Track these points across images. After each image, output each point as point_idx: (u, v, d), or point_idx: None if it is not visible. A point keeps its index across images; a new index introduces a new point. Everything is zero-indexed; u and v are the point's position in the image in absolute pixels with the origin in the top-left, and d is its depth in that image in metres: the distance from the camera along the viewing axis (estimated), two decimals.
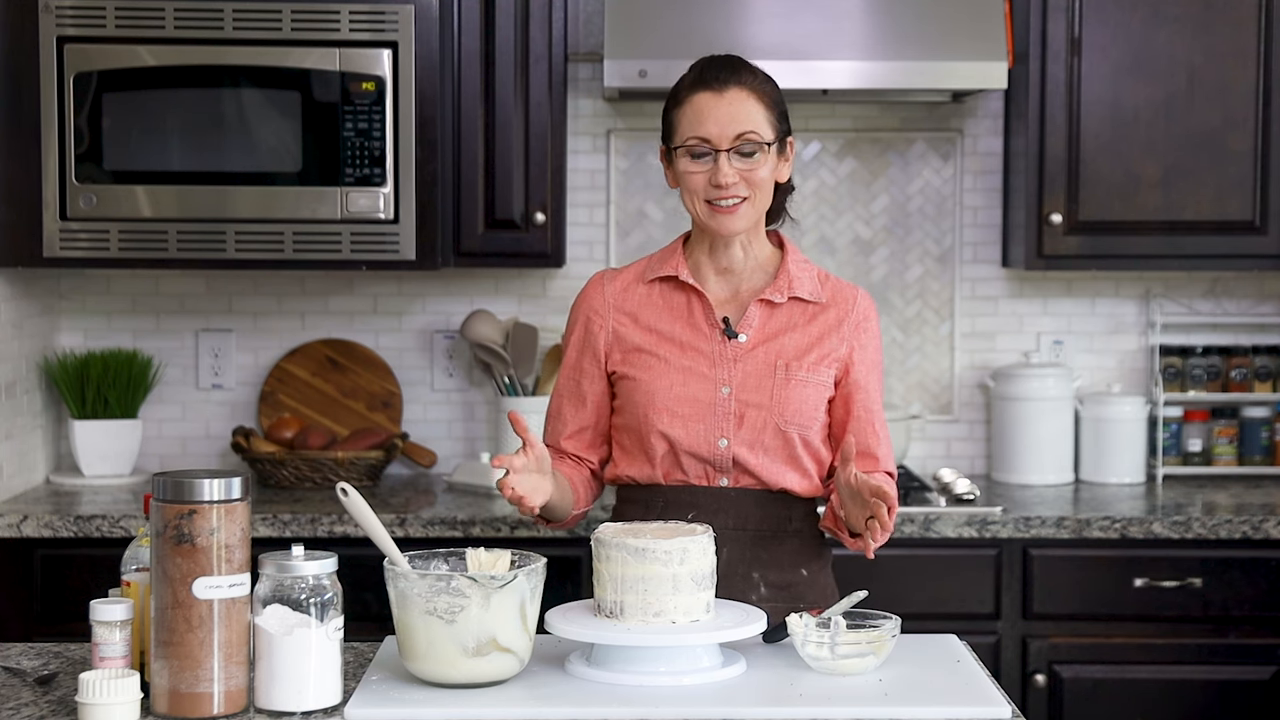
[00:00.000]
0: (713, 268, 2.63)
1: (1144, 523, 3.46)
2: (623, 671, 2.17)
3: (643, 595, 2.18)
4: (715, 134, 2.52)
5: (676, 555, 2.18)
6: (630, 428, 2.61)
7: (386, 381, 4.02)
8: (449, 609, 2.09)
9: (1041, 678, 3.47)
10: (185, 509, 2.00)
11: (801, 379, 2.57)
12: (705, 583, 2.21)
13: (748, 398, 2.56)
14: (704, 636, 2.18)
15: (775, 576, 2.58)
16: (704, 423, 2.56)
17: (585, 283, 2.71)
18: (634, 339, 2.61)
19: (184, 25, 3.49)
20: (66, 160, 3.49)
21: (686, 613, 2.19)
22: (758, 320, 2.59)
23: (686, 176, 2.55)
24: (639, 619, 2.18)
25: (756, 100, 2.55)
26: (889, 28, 3.62)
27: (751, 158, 2.53)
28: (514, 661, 2.14)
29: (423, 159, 3.54)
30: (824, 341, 2.60)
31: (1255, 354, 4.03)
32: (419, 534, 3.39)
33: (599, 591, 2.22)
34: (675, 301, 2.62)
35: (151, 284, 4.00)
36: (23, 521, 3.39)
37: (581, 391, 2.66)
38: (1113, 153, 3.72)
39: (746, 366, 2.57)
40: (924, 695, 2.14)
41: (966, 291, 4.06)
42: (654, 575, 2.17)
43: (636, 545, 2.17)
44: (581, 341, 2.66)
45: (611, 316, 2.63)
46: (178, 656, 2.01)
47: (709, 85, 2.55)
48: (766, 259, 2.64)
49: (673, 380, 2.57)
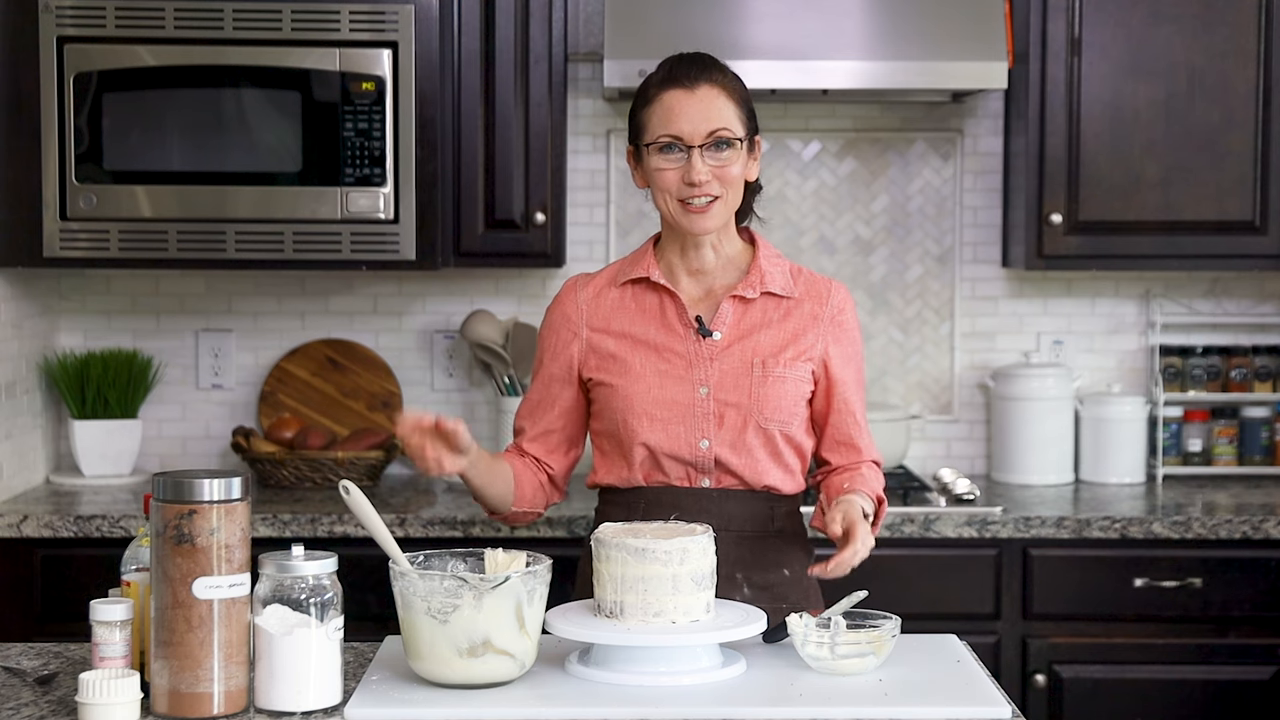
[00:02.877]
0: (684, 268, 2.62)
1: (1144, 523, 3.46)
2: (623, 671, 2.17)
3: (643, 595, 2.18)
4: (688, 131, 2.52)
5: (676, 555, 2.18)
6: (609, 433, 2.61)
7: (386, 381, 4.02)
8: (442, 609, 2.09)
9: (1041, 678, 3.47)
10: (185, 509, 2.01)
11: (779, 375, 2.56)
12: (705, 583, 2.21)
13: (726, 397, 2.56)
14: (704, 636, 2.18)
15: (758, 577, 2.58)
16: (684, 425, 2.56)
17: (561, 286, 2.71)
18: (608, 346, 2.61)
19: (184, 25, 3.49)
20: (66, 160, 3.49)
21: (686, 613, 2.19)
22: (731, 317, 2.58)
23: (658, 175, 2.55)
24: (639, 619, 2.18)
25: (727, 97, 2.55)
26: (889, 28, 3.62)
27: (724, 154, 2.53)
28: (511, 664, 2.13)
29: (423, 159, 3.54)
30: (800, 337, 2.59)
31: (1255, 354, 4.03)
32: (419, 534, 3.40)
33: (599, 591, 2.22)
34: (648, 303, 2.62)
35: (151, 284, 4.00)
36: (23, 521, 3.39)
37: (550, 396, 2.67)
38: (1113, 153, 3.72)
39: (723, 365, 2.57)
40: (924, 695, 2.14)
41: (966, 291, 4.06)
42: (654, 575, 2.17)
43: (637, 545, 2.18)
44: (553, 348, 2.66)
45: (584, 324, 2.63)
46: (178, 656, 2.01)
47: (679, 83, 2.54)
48: (737, 255, 2.63)
49: (650, 384, 2.57)
